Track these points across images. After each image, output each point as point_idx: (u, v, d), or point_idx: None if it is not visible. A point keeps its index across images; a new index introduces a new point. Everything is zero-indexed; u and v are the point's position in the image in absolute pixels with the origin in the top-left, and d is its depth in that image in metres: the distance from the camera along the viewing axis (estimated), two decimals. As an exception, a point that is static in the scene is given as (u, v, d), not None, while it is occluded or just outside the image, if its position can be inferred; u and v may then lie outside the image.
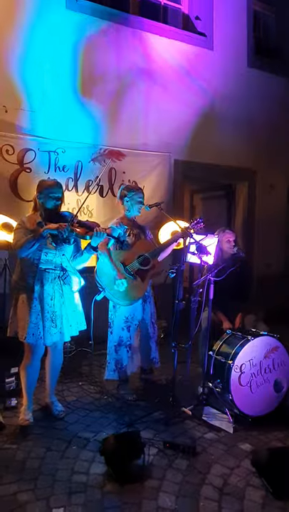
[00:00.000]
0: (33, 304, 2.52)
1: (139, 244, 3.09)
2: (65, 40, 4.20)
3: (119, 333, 3.09)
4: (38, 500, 1.98)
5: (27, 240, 2.46)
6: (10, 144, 3.92)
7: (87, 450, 2.41)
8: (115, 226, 3.08)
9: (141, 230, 3.22)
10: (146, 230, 3.30)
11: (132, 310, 3.09)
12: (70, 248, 2.67)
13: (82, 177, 4.32)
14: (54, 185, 2.65)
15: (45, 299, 2.56)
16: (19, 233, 2.55)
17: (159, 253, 3.11)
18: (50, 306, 2.58)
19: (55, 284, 2.61)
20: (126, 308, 3.07)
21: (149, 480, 2.15)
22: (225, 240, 3.35)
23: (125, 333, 3.09)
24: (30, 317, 2.51)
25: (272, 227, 5.79)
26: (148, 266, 3.04)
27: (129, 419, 2.77)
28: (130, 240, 3.09)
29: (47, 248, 2.55)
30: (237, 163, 5.45)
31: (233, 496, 2.05)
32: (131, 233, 3.11)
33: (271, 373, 2.84)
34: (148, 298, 3.20)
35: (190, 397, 3.07)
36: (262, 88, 5.64)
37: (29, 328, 2.50)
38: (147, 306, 3.19)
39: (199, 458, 2.36)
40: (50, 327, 2.57)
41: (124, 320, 3.09)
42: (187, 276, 5.72)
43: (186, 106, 4.99)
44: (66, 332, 2.65)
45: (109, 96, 4.49)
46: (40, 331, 2.52)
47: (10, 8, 3.91)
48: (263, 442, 2.56)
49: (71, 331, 2.69)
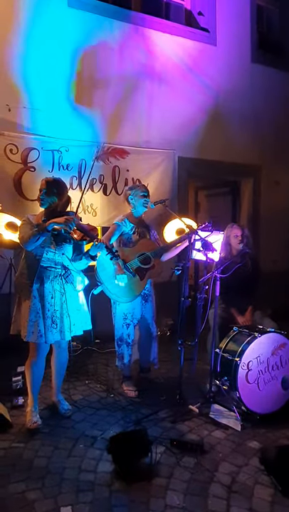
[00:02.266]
0: (32, 302, 2.51)
1: (142, 242, 3.09)
2: (67, 37, 4.18)
3: (119, 329, 3.14)
4: (45, 498, 1.98)
5: (32, 233, 2.45)
6: (14, 143, 3.92)
7: (94, 448, 2.40)
8: (119, 222, 3.08)
9: (146, 228, 3.22)
10: (152, 229, 3.29)
11: (131, 308, 3.09)
12: (69, 247, 2.65)
13: (86, 175, 4.31)
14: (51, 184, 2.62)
15: (46, 297, 2.55)
16: (25, 228, 2.54)
17: (161, 253, 3.10)
18: (51, 304, 2.57)
19: (55, 282, 2.60)
20: (125, 306, 3.08)
21: (156, 478, 2.14)
22: (233, 236, 3.36)
23: (124, 330, 3.11)
24: (30, 315, 2.50)
25: (277, 223, 5.74)
26: (148, 265, 3.04)
27: (136, 417, 2.76)
28: (134, 237, 3.09)
29: (48, 246, 2.55)
30: (242, 159, 5.41)
31: (242, 494, 2.04)
32: (136, 231, 3.11)
33: (279, 370, 2.82)
34: (149, 297, 3.20)
35: (197, 394, 3.05)
36: (266, 83, 5.60)
37: (28, 326, 2.49)
38: (148, 305, 3.19)
39: (207, 456, 2.35)
40: (50, 325, 2.56)
41: (123, 317, 3.11)
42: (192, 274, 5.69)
43: (190, 102, 4.96)
44: (67, 331, 2.61)
45: (113, 93, 4.48)
46: (39, 329, 2.51)
47: (12, 7, 3.91)
48: (271, 440, 2.54)
49: (75, 330, 2.67)
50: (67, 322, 2.62)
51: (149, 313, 3.20)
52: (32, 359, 2.62)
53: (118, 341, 3.16)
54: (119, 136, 4.50)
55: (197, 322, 3.03)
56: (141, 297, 3.12)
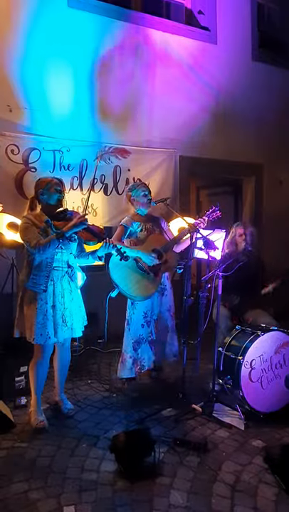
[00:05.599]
0: (39, 304, 2.50)
1: (151, 238, 3.07)
2: (67, 38, 4.19)
3: (138, 330, 3.06)
4: (48, 498, 1.97)
5: (51, 240, 2.42)
6: (15, 144, 3.92)
7: (97, 448, 2.40)
8: (125, 223, 3.08)
9: (154, 222, 3.19)
10: (161, 220, 3.27)
11: (149, 305, 3.06)
12: (74, 245, 2.66)
13: (87, 175, 4.31)
14: (54, 180, 2.63)
15: (57, 296, 2.56)
16: (32, 232, 2.47)
17: (171, 247, 3.08)
18: (62, 303, 2.57)
19: (63, 281, 2.60)
20: (144, 304, 3.04)
21: (160, 477, 2.13)
22: (238, 234, 3.39)
23: (145, 330, 3.06)
24: (37, 318, 2.49)
25: (280, 222, 5.71)
26: (161, 260, 3.02)
27: (139, 416, 2.75)
28: (142, 235, 3.08)
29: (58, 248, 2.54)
30: (244, 158, 5.39)
31: (246, 493, 2.02)
32: (143, 228, 3.11)
33: (282, 369, 2.80)
34: (165, 290, 3.16)
35: (200, 393, 3.04)
36: (267, 81, 5.57)
37: (36, 328, 2.48)
38: (165, 299, 3.16)
39: (210, 455, 2.33)
40: (60, 324, 2.56)
41: (143, 316, 3.06)
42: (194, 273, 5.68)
43: (191, 101, 4.95)
44: (77, 327, 2.66)
45: (113, 93, 4.47)
46: (47, 330, 2.50)
47: (12, 7, 3.91)
48: (275, 439, 2.52)
49: (80, 326, 2.70)
50: (77, 319, 2.65)
51: (165, 307, 3.16)
52: (37, 359, 2.62)
53: (135, 345, 3.06)
54: (120, 135, 4.49)
55: (200, 321, 3.01)
56: (158, 292, 3.09)
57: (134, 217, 3.14)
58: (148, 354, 3.10)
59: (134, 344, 3.06)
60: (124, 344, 3.11)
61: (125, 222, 3.11)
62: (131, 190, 3.18)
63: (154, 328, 3.10)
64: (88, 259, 2.72)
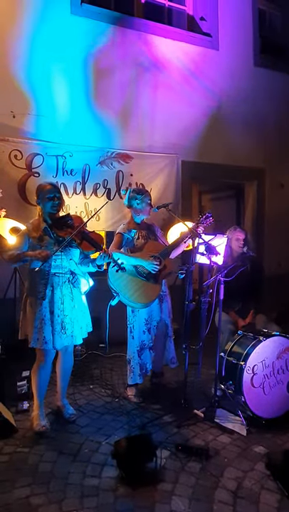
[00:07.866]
0: (37, 309, 2.53)
1: (148, 245, 3.08)
2: (70, 44, 4.23)
3: (140, 336, 3.07)
4: (50, 503, 1.98)
5: (23, 256, 2.52)
6: (18, 149, 3.96)
7: (99, 453, 2.40)
8: (122, 231, 3.08)
9: (149, 229, 3.21)
10: (155, 227, 3.28)
11: (150, 311, 3.08)
12: (76, 252, 2.67)
13: (89, 180, 4.34)
14: (49, 187, 2.64)
15: (56, 303, 2.56)
16: (17, 242, 2.60)
17: (169, 252, 3.09)
18: (61, 310, 2.58)
19: (64, 287, 2.61)
20: (145, 311, 3.05)
21: (161, 483, 2.13)
22: (234, 239, 3.36)
23: (146, 336, 3.08)
24: (34, 322, 2.52)
25: (282, 226, 5.72)
26: (160, 266, 3.02)
27: (141, 422, 2.75)
28: (139, 242, 3.09)
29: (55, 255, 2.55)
30: (245, 162, 5.41)
31: (248, 500, 2.02)
32: (139, 236, 3.11)
33: (284, 374, 2.79)
34: (164, 297, 3.18)
35: (202, 399, 3.04)
36: (269, 87, 5.60)
37: (33, 333, 2.52)
38: (164, 306, 3.17)
39: (212, 461, 2.33)
40: (59, 331, 2.57)
41: (144, 322, 3.07)
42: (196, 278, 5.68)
43: (193, 107, 4.98)
44: (78, 335, 2.66)
45: (116, 99, 4.51)
46: (44, 335, 2.52)
47: (15, 14, 3.96)
48: (278, 445, 2.51)
49: (82, 333, 2.70)
50: (78, 327, 2.65)
51: (165, 313, 3.17)
52: (39, 363, 2.63)
53: (139, 352, 3.07)
54: (122, 140, 4.52)
55: (202, 326, 3.01)
56: (157, 299, 3.09)
57: (130, 225, 3.14)
58: (149, 359, 3.12)
59: (138, 351, 3.08)
60: (129, 352, 3.11)
61: (122, 230, 3.11)
62: (130, 198, 3.13)
63: (154, 335, 3.11)
64: (89, 267, 2.73)
